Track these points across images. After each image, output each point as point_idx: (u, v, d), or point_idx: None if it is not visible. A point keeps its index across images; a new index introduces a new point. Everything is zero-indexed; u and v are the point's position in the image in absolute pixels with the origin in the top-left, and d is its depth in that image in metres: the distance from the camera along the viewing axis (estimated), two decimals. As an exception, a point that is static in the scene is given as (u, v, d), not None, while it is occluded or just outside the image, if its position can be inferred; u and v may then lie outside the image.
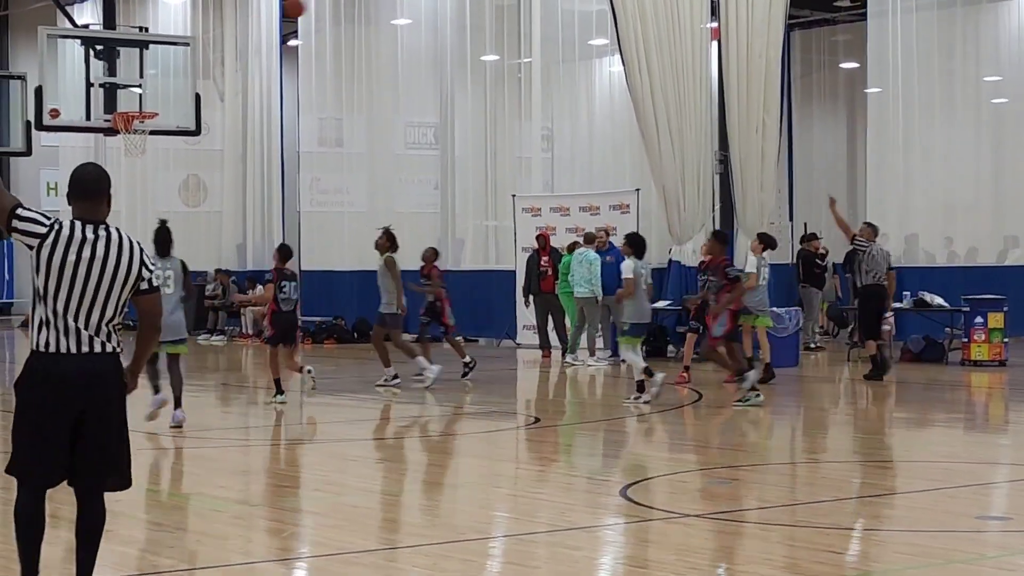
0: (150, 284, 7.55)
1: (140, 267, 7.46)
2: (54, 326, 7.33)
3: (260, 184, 36.80)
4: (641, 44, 26.32)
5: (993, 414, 19.44)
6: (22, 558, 7.54)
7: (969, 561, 9.36)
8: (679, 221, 26.60)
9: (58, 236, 7.34)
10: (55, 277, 7.32)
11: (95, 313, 7.36)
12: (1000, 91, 32.07)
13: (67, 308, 7.34)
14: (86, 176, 7.59)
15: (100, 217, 7.49)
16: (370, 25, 34.24)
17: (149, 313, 7.65)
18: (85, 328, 7.35)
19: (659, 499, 11.98)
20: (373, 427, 17.89)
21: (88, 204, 7.50)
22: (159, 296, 7.70)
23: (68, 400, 7.35)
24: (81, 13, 35.47)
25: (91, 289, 7.34)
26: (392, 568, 9.42)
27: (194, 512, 11.46)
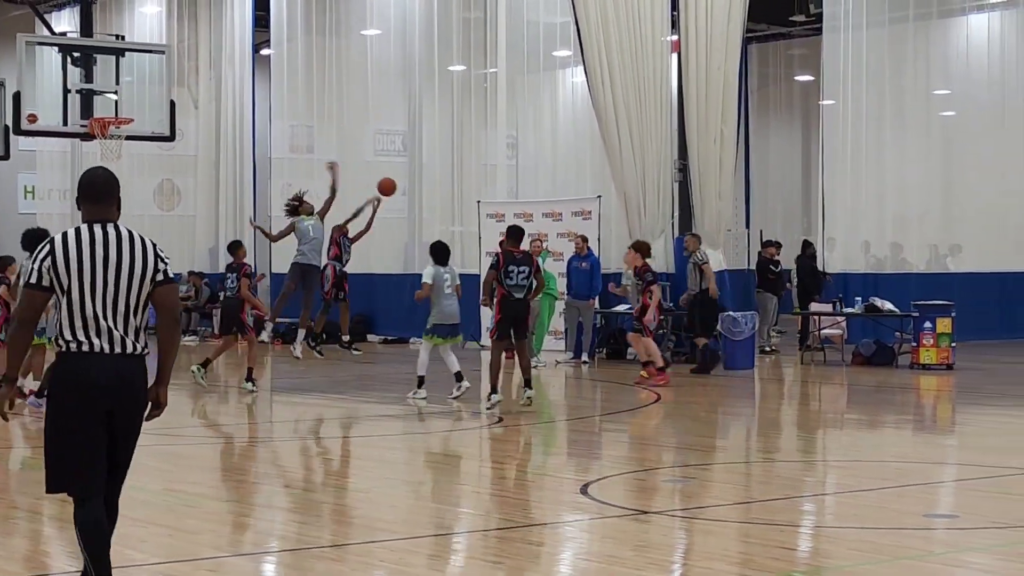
0: (165, 275, 7.34)
1: (155, 259, 7.31)
2: (83, 325, 7.16)
3: (232, 189, 36.71)
4: (604, 56, 26.36)
5: (941, 416, 19.51)
6: (96, 572, 7.33)
7: (918, 558, 9.39)
8: (640, 227, 26.62)
9: (65, 244, 7.22)
10: (76, 278, 7.16)
11: (120, 310, 7.21)
12: (949, 104, 32.25)
13: (94, 307, 7.17)
14: (96, 180, 7.46)
15: (111, 220, 7.38)
16: (340, 35, 34.18)
17: (166, 305, 7.37)
18: (115, 327, 7.19)
19: (618, 496, 11.98)
20: (340, 425, 17.85)
21: (98, 207, 7.39)
22: (176, 287, 7.49)
23: (98, 401, 7.18)
24: (59, 21, 35.32)
25: (112, 286, 7.19)
26: (359, 563, 9.40)
27: (166, 507, 11.41)
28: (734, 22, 26.30)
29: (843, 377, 23.40)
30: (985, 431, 17.21)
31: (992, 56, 31.76)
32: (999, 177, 31.05)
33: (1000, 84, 31.41)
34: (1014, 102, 31.24)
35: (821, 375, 23.93)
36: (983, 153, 31.10)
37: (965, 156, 31.40)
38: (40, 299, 7.26)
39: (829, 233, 30.24)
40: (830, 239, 29.87)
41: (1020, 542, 9.83)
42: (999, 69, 31.55)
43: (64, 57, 22.75)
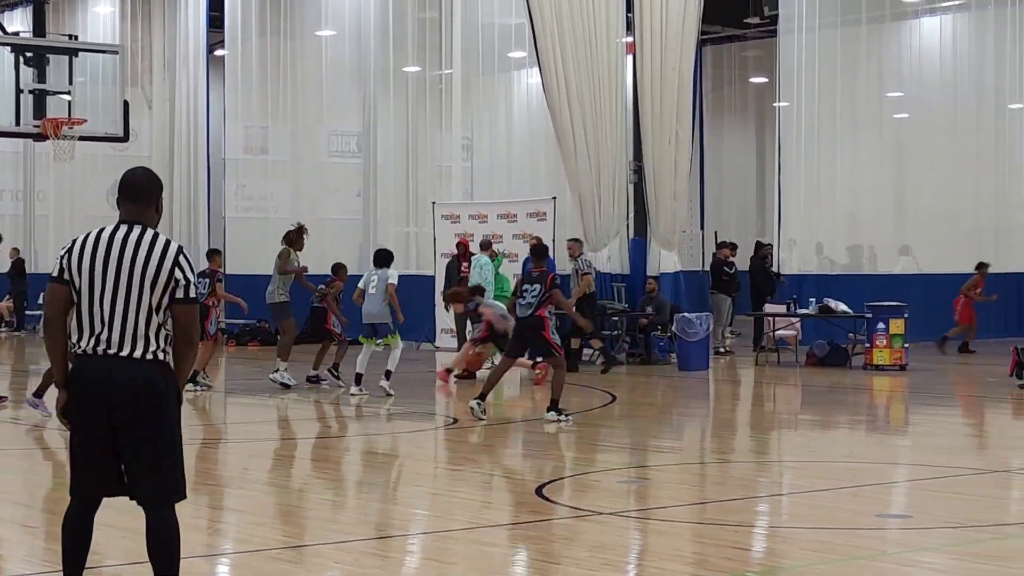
0: (186, 292, 7.08)
1: (173, 267, 7.05)
2: (78, 325, 7.05)
3: (187, 190, 36.58)
4: (559, 57, 26.39)
5: (894, 416, 19.61)
6: (64, 567, 7.38)
7: (871, 558, 9.44)
8: (595, 229, 26.67)
9: (83, 244, 7.14)
10: (86, 276, 7.04)
11: (121, 312, 7.00)
12: (902, 107, 32.45)
13: (91, 307, 7.02)
14: (134, 180, 7.36)
15: (146, 222, 7.22)
16: (295, 36, 34.13)
17: (182, 324, 7.10)
18: (113, 329, 7.00)
19: (573, 497, 12.01)
20: (296, 427, 17.81)
21: (133, 208, 7.28)
22: (194, 308, 7.17)
23: (94, 404, 7.03)
24: (11, 20, 35.12)
25: (121, 287, 7.01)
26: (314, 564, 9.39)
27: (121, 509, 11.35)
28: (689, 24, 26.38)
29: (797, 378, 23.49)
30: (937, 431, 17.31)
31: (944, 59, 31.96)
32: (951, 179, 31.25)
33: (952, 86, 31.60)
34: (966, 104, 31.46)
35: (775, 376, 24.02)
36: (935, 155, 31.29)
37: (918, 158, 31.60)
38: (59, 291, 7.11)
39: (784, 234, 30.37)
40: (786, 240, 30.01)
41: (972, 542, 9.89)
42: (951, 71, 31.75)
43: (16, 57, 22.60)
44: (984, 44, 31.84)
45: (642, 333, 25.27)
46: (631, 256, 27.10)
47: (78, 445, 7.23)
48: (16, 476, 13.64)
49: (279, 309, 21.04)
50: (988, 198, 31.45)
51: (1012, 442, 16.65)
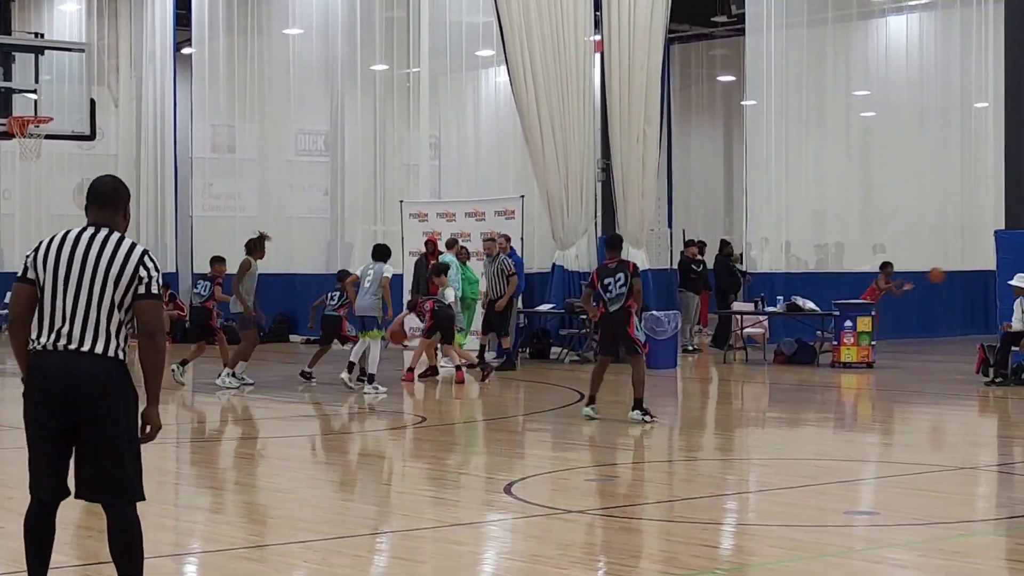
0: (147, 288, 7.04)
1: (137, 264, 7.02)
2: (39, 322, 7.04)
3: (154, 188, 36.44)
4: (527, 56, 26.39)
5: (861, 414, 19.66)
6: (27, 568, 7.41)
7: (839, 554, 9.46)
8: (563, 227, 26.68)
9: (49, 244, 7.12)
10: (50, 274, 7.03)
11: (82, 309, 6.97)
12: (868, 105, 32.56)
13: (54, 303, 7.01)
14: (100, 187, 7.29)
15: (113, 227, 7.17)
16: (262, 34, 34.04)
17: (141, 320, 7.06)
18: (74, 325, 6.98)
19: (542, 496, 12.00)
20: (263, 426, 17.77)
21: (99, 213, 7.21)
22: (157, 304, 7.11)
23: (49, 401, 7.01)
24: (-24, 18, 34.96)
25: (81, 285, 6.98)
26: (283, 563, 9.37)
27: (85, 508, 11.31)
28: (656, 22, 26.41)
29: (765, 376, 23.55)
30: (904, 429, 17.37)
31: (911, 57, 32.09)
32: (918, 177, 31.38)
33: (919, 85, 31.74)
34: (932, 103, 31.59)
35: (743, 374, 24.07)
36: (902, 153, 31.43)
37: (884, 156, 31.73)
38: (23, 291, 7.11)
39: (751, 233, 30.47)
40: (757, 239, 30.09)
41: (939, 538, 9.92)
42: (918, 70, 31.89)
43: (-18, 55, 22.54)
44: (950, 43, 31.97)
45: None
46: (599, 254, 27.09)
47: (34, 443, 7.20)
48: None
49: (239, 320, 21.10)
50: (954, 196, 31.58)
51: (979, 439, 16.73)
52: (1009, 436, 16.82)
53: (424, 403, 19.81)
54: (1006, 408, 19.10)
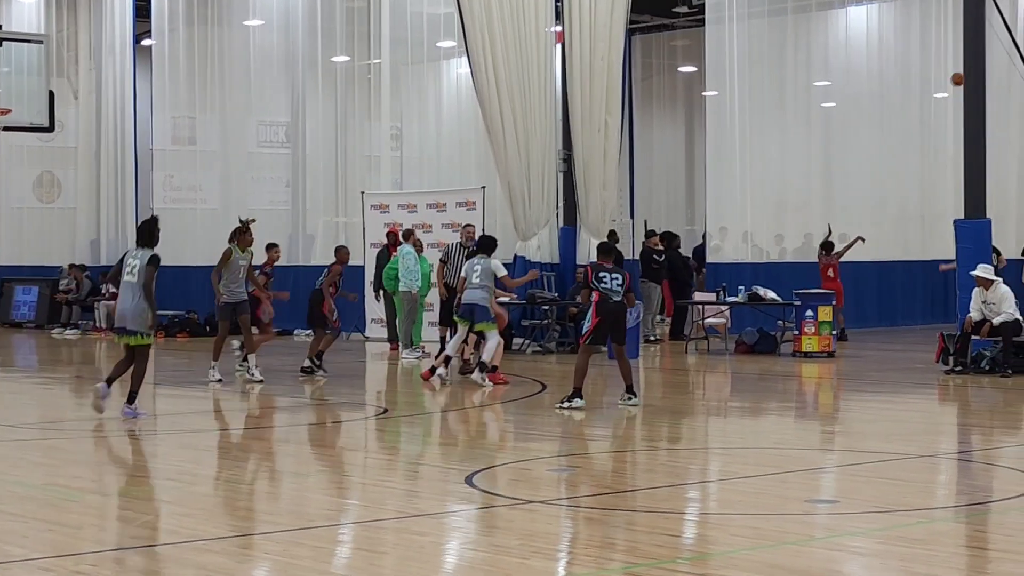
0: None
1: None
2: None
3: (114, 181, 36.36)
4: (487, 47, 26.38)
5: (822, 403, 19.73)
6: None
7: (800, 543, 9.49)
8: (524, 218, 26.70)
9: None
10: None
11: None
12: (829, 95, 32.66)
13: None
14: None
15: None
16: (223, 26, 33.95)
17: None
18: None
19: (503, 486, 12.01)
20: (225, 418, 17.72)
21: None
22: None
23: None
24: (-66, 10, 34.78)
25: None
26: (244, 555, 9.35)
27: (47, 502, 11.28)
28: (617, 13, 26.44)
29: (727, 365, 23.61)
30: (865, 417, 17.43)
31: (871, 48, 32.20)
32: (878, 167, 31.52)
33: (878, 75, 31.86)
34: (892, 93, 31.72)
35: (705, 364, 24.13)
36: (863, 143, 31.54)
37: (845, 146, 31.83)
38: None
39: (712, 223, 30.54)
40: (717, 228, 30.17)
41: (898, 526, 9.97)
42: (877, 61, 32.00)
43: (-60, 47, 22.39)
44: (910, 34, 32.10)
45: (572, 322, 25.29)
46: (561, 245, 27.17)
47: None
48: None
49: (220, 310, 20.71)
50: (914, 186, 31.73)
51: (938, 427, 16.82)
52: (968, 424, 16.92)
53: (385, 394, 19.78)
54: (966, 396, 19.21)
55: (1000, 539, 9.85)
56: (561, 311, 25.77)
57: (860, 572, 8.73)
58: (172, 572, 8.88)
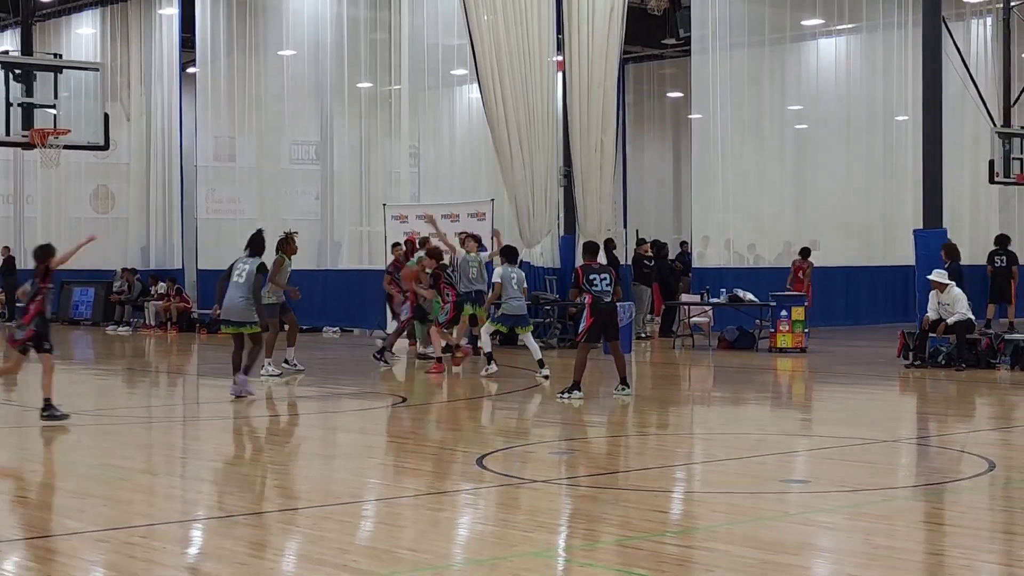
0: None
1: None
2: None
3: (162, 194, 36.39)
4: (496, 74, 26.37)
5: (795, 393, 19.72)
6: None
7: (775, 519, 9.49)
8: (528, 227, 26.69)
9: None
10: None
11: None
12: (802, 118, 32.67)
13: None
14: None
15: None
16: (259, 55, 33.96)
17: None
18: None
19: (511, 467, 12.01)
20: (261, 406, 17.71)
21: None
22: None
23: None
24: (1, 40, 34.82)
25: None
26: (278, 528, 9.36)
27: (101, 480, 11.29)
28: (612, 44, 26.42)
29: (710, 360, 23.59)
30: (833, 406, 17.43)
31: (839, 76, 32.21)
32: (845, 182, 31.53)
33: (846, 100, 31.87)
34: (858, 116, 31.73)
35: (690, 358, 24.12)
36: (831, 161, 31.54)
37: (816, 164, 31.84)
38: None
39: (697, 232, 30.57)
40: (701, 237, 30.19)
41: (864, 503, 9.96)
42: (845, 87, 32.02)
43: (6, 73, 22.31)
44: (874, 63, 32.09)
45: (571, 320, 25.28)
46: (561, 251, 27.17)
47: None
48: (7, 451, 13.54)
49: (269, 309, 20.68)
50: (877, 199, 31.71)
51: (899, 415, 16.80)
52: (926, 412, 16.91)
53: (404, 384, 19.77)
54: (924, 388, 19.19)
55: (954, 515, 9.85)
56: (562, 311, 25.76)
57: (829, 545, 8.72)
58: (213, 543, 8.88)
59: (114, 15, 36.83)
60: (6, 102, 22.19)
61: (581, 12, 26.38)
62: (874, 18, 31.59)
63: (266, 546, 8.74)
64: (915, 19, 28.42)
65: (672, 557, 8.31)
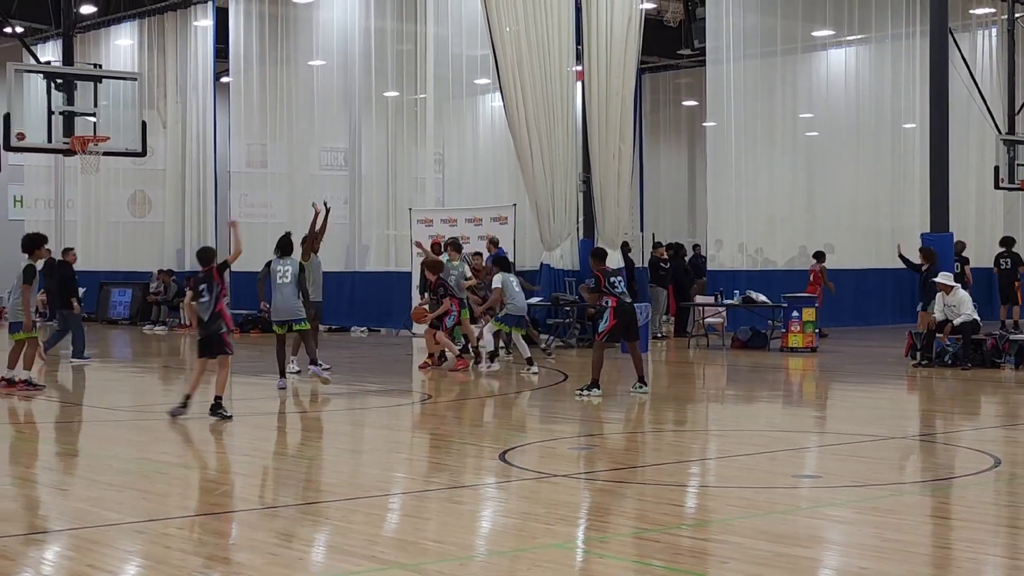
0: None
1: None
2: None
3: (196, 198, 36.45)
4: (518, 83, 26.38)
5: (806, 391, 19.67)
6: None
7: (787, 512, 9.47)
8: (549, 231, 26.68)
9: None
10: None
11: None
12: (812, 126, 32.60)
13: None
14: None
15: None
16: (290, 65, 34.02)
17: None
18: None
19: (532, 462, 12.01)
20: (292, 403, 17.74)
21: None
22: None
23: None
24: (44, 51, 34.92)
25: None
26: (308, 519, 9.37)
27: (140, 474, 11.33)
28: (630, 55, 26.39)
29: (723, 359, 23.56)
30: (843, 404, 17.38)
31: (848, 84, 32.15)
32: (854, 187, 31.45)
33: (855, 108, 31.81)
34: (867, 124, 31.67)
35: (705, 357, 24.08)
36: (841, 167, 31.47)
37: (826, 170, 31.75)
38: None
39: (711, 236, 30.52)
40: (715, 241, 30.14)
41: (873, 498, 9.94)
42: (854, 95, 31.96)
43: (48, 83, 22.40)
44: (883, 72, 32.02)
45: (590, 321, 25.25)
46: (580, 254, 27.13)
47: None
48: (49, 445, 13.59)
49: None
50: (885, 203, 31.63)
51: (907, 413, 16.75)
52: (933, 410, 16.86)
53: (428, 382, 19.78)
54: (931, 386, 19.14)
55: (961, 510, 9.82)
56: (581, 311, 25.75)
57: (840, 538, 8.70)
58: (246, 535, 8.90)
59: (151, 27, 36.93)
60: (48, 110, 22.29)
61: (600, 24, 26.36)
62: (883, 29, 31.52)
63: (296, 537, 8.75)
64: (923, 30, 28.37)
65: (687, 549, 8.30)
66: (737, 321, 26.32)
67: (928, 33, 23.93)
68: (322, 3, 33.10)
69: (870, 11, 31.23)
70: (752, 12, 29.67)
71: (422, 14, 30.73)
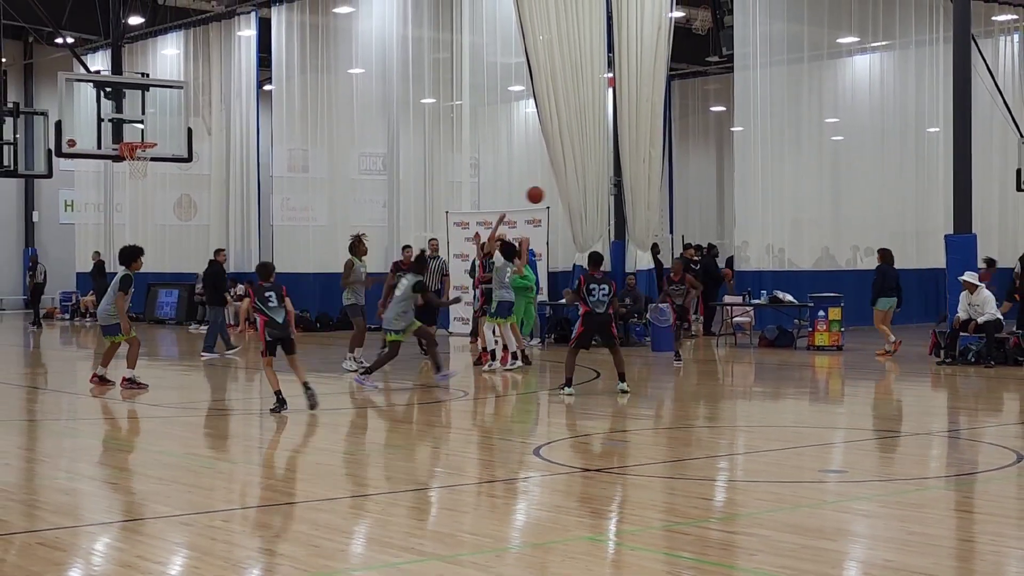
0: None
1: None
2: None
3: (240, 202, 36.60)
4: (551, 90, 26.40)
5: (832, 388, 19.60)
6: None
7: (813, 506, 9.44)
8: (581, 233, 26.68)
9: None
10: None
11: None
12: (838, 130, 32.47)
13: None
14: None
15: None
16: (330, 73, 34.11)
17: None
18: None
19: (565, 457, 12.01)
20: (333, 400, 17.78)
21: None
22: None
23: None
24: (93, 60, 35.15)
25: None
26: (349, 513, 9.40)
27: (186, 468, 11.38)
28: (660, 62, 26.39)
29: (751, 357, 23.49)
30: (868, 400, 17.32)
31: (873, 90, 32.02)
32: (879, 190, 31.31)
33: (880, 113, 31.67)
34: (891, 128, 31.53)
35: (733, 356, 24.02)
36: (866, 171, 31.35)
37: (851, 173, 31.63)
38: None
39: (739, 238, 30.43)
40: (742, 243, 30.06)
41: (898, 492, 9.90)
42: (879, 101, 31.83)
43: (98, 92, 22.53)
44: (907, 77, 31.88)
45: (622, 320, 25.23)
46: (612, 256, 27.12)
47: None
48: (96, 441, 13.67)
49: (350, 310, 21.01)
50: (910, 206, 31.49)
51: (931, 410, 16.67)
52: (957, 407, 16.78)
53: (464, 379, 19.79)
54: (954, 384, 19.04)
55: (984, 504, 9.77)
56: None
57: (865, 531, 8.67)
58: (290, 527, 8.94)
59: (196, 37, 37.11)
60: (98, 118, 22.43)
61: (631, 32, 26.36)
62: (907, 36, 31.38)
63: (337, 529, 8.78)
64: (946, 36, 28.22)
65: (716, 542, 8.29)
66: (764, 320, 26.25)
67: (951, 39, 23.78)
68: (361, 13, 33.19)
69: (894, 18, 31.10)
70: (778, 20, 29.58)
71: (458, 23, 30.78)
